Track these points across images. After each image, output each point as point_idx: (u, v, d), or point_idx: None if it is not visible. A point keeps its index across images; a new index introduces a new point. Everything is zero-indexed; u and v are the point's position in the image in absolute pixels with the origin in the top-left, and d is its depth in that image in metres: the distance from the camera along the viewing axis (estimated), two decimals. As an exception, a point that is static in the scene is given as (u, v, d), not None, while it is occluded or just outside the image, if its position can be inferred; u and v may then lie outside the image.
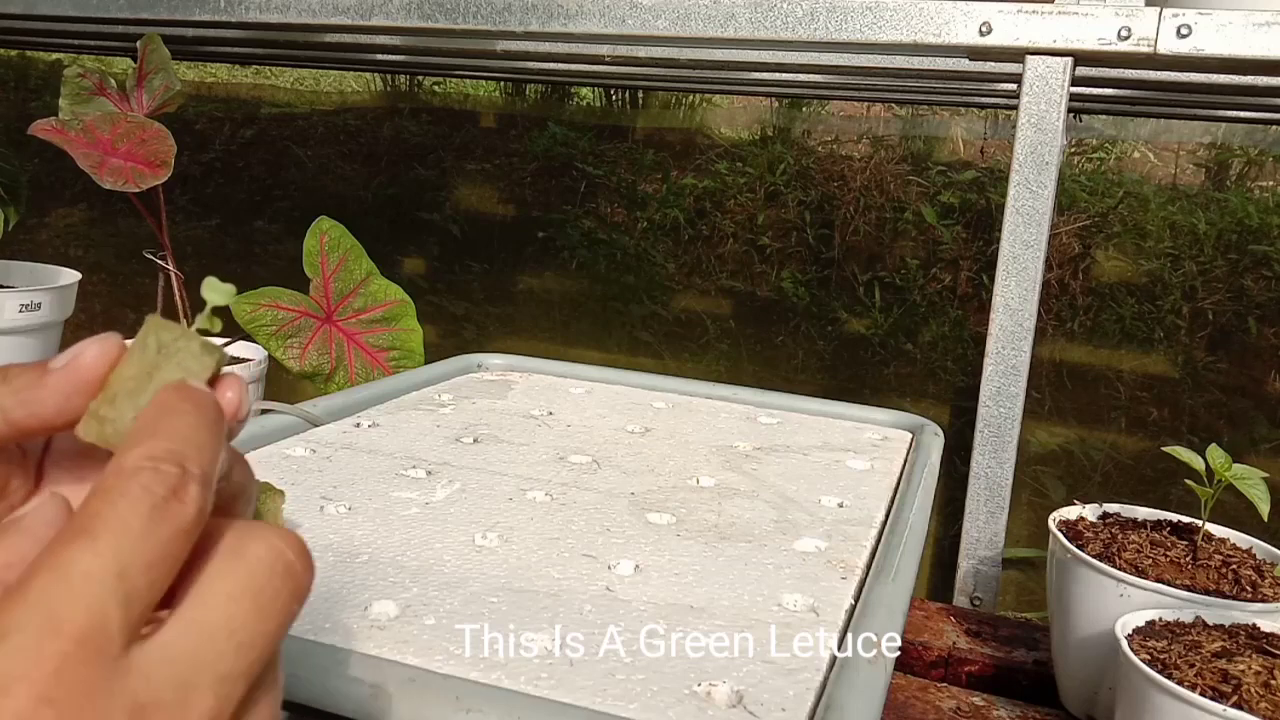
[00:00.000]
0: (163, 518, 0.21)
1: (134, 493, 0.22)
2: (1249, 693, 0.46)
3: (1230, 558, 0.60)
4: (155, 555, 0.21)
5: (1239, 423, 1.49)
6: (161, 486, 0.22)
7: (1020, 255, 0.78)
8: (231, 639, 0.22)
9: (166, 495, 0.22)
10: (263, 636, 0.22)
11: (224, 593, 0.22)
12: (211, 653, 0.21)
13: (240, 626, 0.22)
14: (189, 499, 0.22)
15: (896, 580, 0.47)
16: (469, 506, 0.55)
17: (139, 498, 0.21)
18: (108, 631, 0.20)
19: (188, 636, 0.21)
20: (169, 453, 0.22)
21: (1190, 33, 0.71)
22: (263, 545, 0.23)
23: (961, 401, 1.60)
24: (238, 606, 0.22)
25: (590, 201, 1.82)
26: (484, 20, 0.89)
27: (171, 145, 0.90)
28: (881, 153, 1.66)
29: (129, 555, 0.21)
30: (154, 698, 0.20)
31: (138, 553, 0.21)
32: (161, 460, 0.22)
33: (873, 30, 0.78)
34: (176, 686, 0.21)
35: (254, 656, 0.22)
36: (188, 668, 0.21)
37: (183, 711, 0.21)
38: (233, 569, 0.23)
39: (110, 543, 0.21)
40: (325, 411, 0.69)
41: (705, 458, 0.66)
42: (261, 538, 0.23)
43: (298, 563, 0.24)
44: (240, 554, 0.23)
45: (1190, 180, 1.54)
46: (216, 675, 0.21)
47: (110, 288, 2.09)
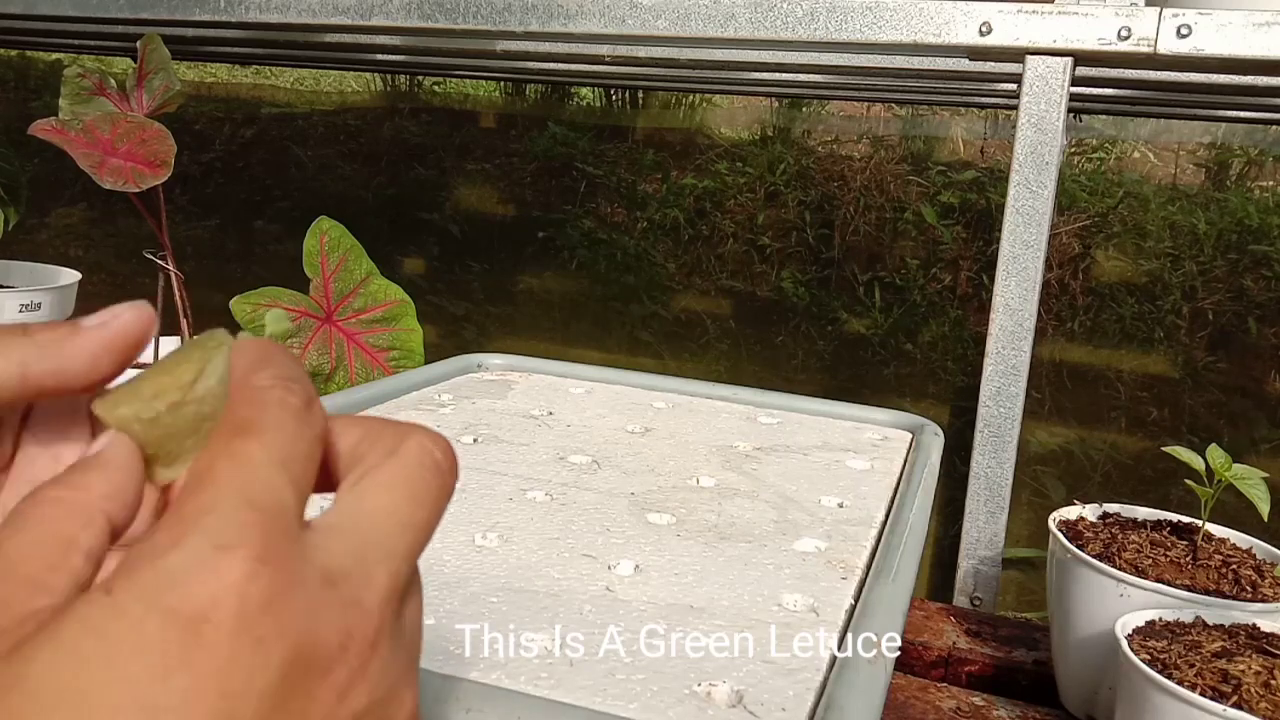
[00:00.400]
0: (305, 423, 0.24)
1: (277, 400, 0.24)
2: (1249, 693, 0.46)
3: (1230, 558, 0.60)
4: (306, 452, 0.24)
5: (1239, 423, 1.49)
6: (297, 399, 0.24)
7: (1020, 255, 0.78)
8: (393, 518, 0.24)
9: (302, 406, 0.24)
10: (418, 523, 0.24)
11: (382, 481, 0.24)
12: (378, 531, 0.23)
13: (400, 511, 0.24)
14: (317, 411, 0.25)
15: (896, 580, 0.47)
16: (469, 506, 0.55)
17: (282, 405, 0.24)
18: (287, 510, 0.22)
19: (354, 518, 0.23)
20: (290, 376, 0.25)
21: (1190, 33, 0.71)
22: (414, 444, 0.25)
23: (961, 401, 1.60)
24: (397, 493, 0.24)
25: (590, 201, 1.82)
26: (484, 20, 0.89)
27: (171, 145, 0.90)
28: (881, 153, 1.66)
29: (289, 448, 0.23)
30: (340, 568, 0.22)
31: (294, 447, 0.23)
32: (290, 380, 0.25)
33: (873, 30, 0.78)
34: (356, 559, 0.23)
35: (412, 538, 0.24)
36: (360, 543, 0.23)
37: (366, 581, 0.22)
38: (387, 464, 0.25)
39: (273, 437, 0.23)
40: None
41: (705, 458, 0.66)
42: (415, 437, 0.25)
43: (444, 461, 0.25)
44: (395, 450, 0.25)
45: (1190, 180, 1.54)
46: (385, 552, 0.23)
47: (110, 288, 2.09)
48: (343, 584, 0.22)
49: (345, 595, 0.22)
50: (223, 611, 0.20)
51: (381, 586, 0.23)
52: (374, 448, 0.25)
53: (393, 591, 0.23)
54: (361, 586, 0.22)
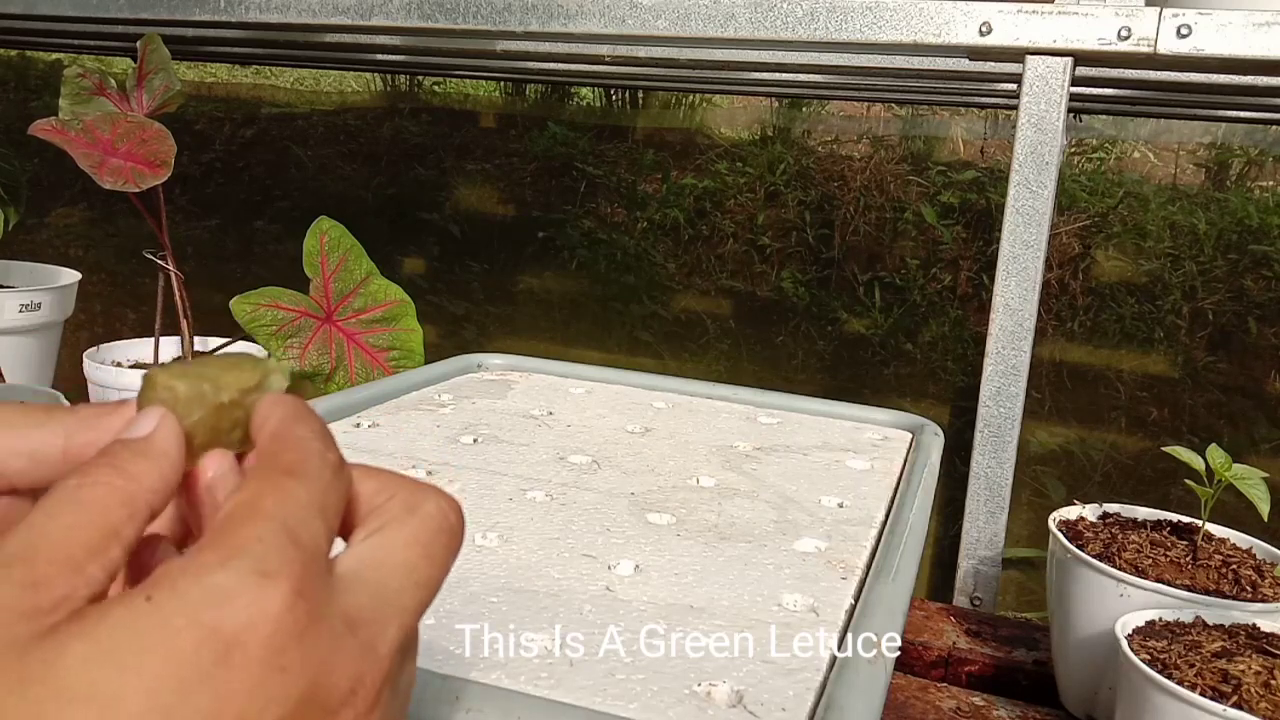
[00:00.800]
0: (340, 477, 0.25)
1: (318, 452, 0.25)
2: (1249, 693, 0.46)
3: (1230, 558, 0.60)
4: (336, 505, 0.25)
5: (1239, 423, 1.49)
6: (333, 455, 0.26)
7: (1020, 255, 0.78)
8: (410, 576, 0.25)
9: (337, 462, 0.26)
10: (430, 582, 0.25)
11: (402, 539, 0.25)
12: (395, 585, 0.24)
13: (416, 568, 0.25)
14: (346, 470, 0.26)
15: (896, 580, 0.47)
16: (469, 506, 0.54)
17: (322, 456, 0.25)
18: (321, 552, 0.23)
19: (376, 570, 0.24)
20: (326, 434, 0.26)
21: (1190, 33, 0.71)
22: (433, 505, 0.26)
23: (961, 401, 1.60)
24: (413, 551, 0.25)
25: (590, 201, 1.82)
26: (484, 20, 0.89)
27: (171, 145, 0.90)
28: (881, 153, 1.66)
29: (324, 498, 0.24)
30: (360, 614, 0.23)
31: (329, 496, 0.24)
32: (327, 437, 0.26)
33: (873, 30, 0.78)
34: (376, 608, 0.24)
35: (423, 596, 0.25)
36: (379, 594, 0.24)
37: (381, 630, 0.23)
38: (409, 520, 0.26)
39: (315, 483, 0.24)
40: (325, 411, 0.68)
41: (705, 458, 0.66)
42: (432, 499, 0.26)
43: (457, 525, 0.27)
44: (414, 509, 0.26)
45: (1190, 180, 1.54)
46: (400, 606, 0.24)
47: (110, 288, 2.09)
48: (362, 630, 0.23)
49: (363, 641, 0.23)
50: (257, 636, 0.20)
51: (393, 638, 0.24)
52: (392, 501, 0.26)
53: (401, 645, 0.24)
54: (378, 635, 0.23)
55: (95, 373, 0.98)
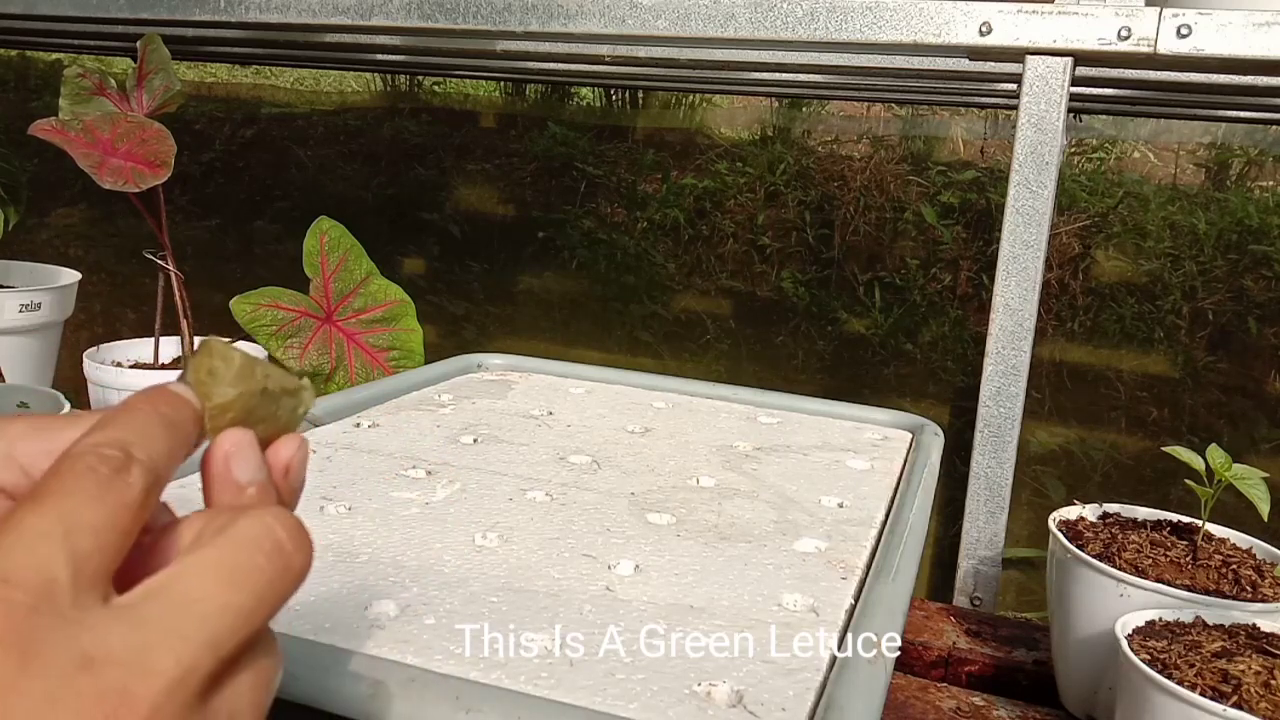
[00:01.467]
0: (106, 489, 0.23)
1: (78, 469, 0.23)
2: (1249, 693, 0.46)
3: (1230, 558, 0.60)
4: (101, 522, 0.22)
5: (1239, 423, 1.49)
6: (105, 466, 0.23)
7: (1020, 255, 0.78)
8: (196, 606, 0.22)
9: (109, 473, 0.23)
10: (233, 609, 0.23)
11: (197, 563, 0.23)
12: (172, 617, 0.22)
13: (208, 596, 0.22)
14: (133, 477, 0.23)
15: (896, 580, 0.47)
16: (469, 506, 0.55)
17: (83, 473, 0.23)
18: (56, 585, 0.21)
19: (151, 601, 0.22)
20: (114, 440, 0.24)
21: (1190, 33, 0.71)
22: (253, 522, 0.24)
23: (961, 401, 1.60)
24: (206, 576, 0.23)
25: (590, 201, 1.82)
26: (484, 20, 0.89)
27: (171, 145, 0.90)
28: (881, 153, 1.66)
29: (74, 518, 0.22)
30: (106, 652, 0.21)
31: (82, 517, 0.22)
32: (105, 446, 0.24)
33: (873, 30, 0.78)
34: (132, 645, 0.21)
35: (221, 627, 0.22)
36: (146, 628, 0.21)
37: (138, 670, 0.21)
38: (213, 542, 0.23)
39: (55, 506, 0.22)
40: (325, 411, 0.69)
41: (705, 458, 0.66)
42: (255, 516, 0.24)
43: (288, 542, 0.24)
44: (225, 529, 0.24)
45: (1190, 180, 1.54)
46: (177, 638, 0.21)
47: (110, 288, 2.09)
48: (105, 670, 0.20)
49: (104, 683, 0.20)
50: None
51: (163, 675, 0.21)
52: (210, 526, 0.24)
53: (179, 682, 0.21)
54: (131, 674, 0.20)
55: (95, 373, 0.98)
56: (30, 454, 0.25)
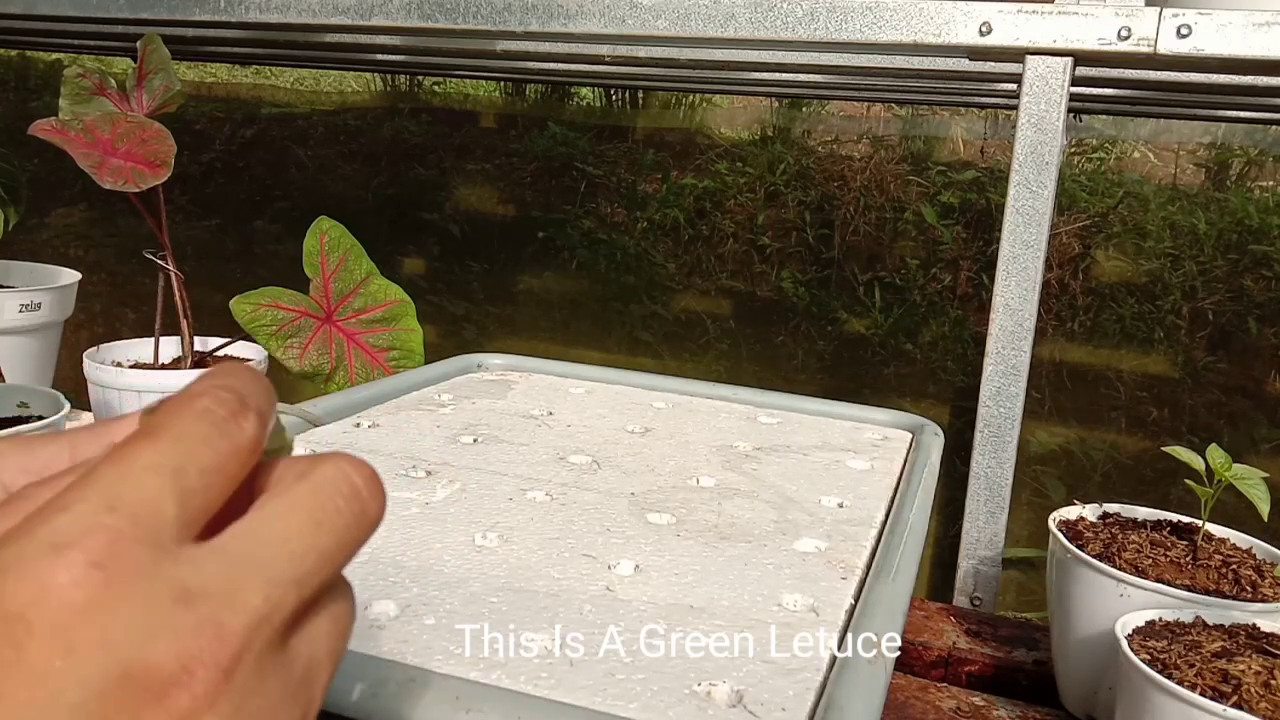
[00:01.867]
0: (221, 433, 0.23)
1: (197, 408, 0.23)
2: (1249, 693, 0.46)
3: (1230, 558, 0.60)
4: (211, 463, 0.23)
5: (1239, 423, 1.49)
6: (222, 408, 0.24)
7: (1020, 255, 0.78)
8: (285, 545, 0.23)
9: (226, 416, 0.24)
10: (317, 550, 0.23)
11: (284, 504, 0.23)
12: (263, 555, 0.22)
13: (294, 535, 0.23)
14: (246, 424, 0.24)
15: (896, 580, 0.47)
16: (469, 506, 0.55)
17: (201, 413, 0.23)
18: (161, 518, 0.21)
19: (242, 538, 0.23)
20: (230, 386, 0.24)
21: (1190, 33, 0.71)
22: (331, 467, 0.24)
23: (961, 401, 1.60)
24: (294, 517, 0.23)
25: (590, 201, 1.82)
26: (484, 20, 0.89)
27: (171, 145, 0.90)
28: (881, 153, 1.66)
29: (187, 457, 0.22)
30: (202, 586, 0.21)
31: (195, 456, 0.22)
32: (223, 389, 0.24)
33: (873, 30, 0.78)
34: (225, 580, 0.21)
35: (307, 567, 0.23)
36: (238, 565, 0.22)
37: (230, 603, 0.21)
38: (296, 486, 0.24)
39: (171, 443, 0.22)
40: (325, 411, 0.69)
41: (705, 458, 0.66)
42: (332, 461, 0.25)
43: (364, 489, 0.25)
44: (306, 474, 0.24)
45: (1190, 180, 1.54)
46: (266, 577, 0.22)
47: (110, 288, 2.09)
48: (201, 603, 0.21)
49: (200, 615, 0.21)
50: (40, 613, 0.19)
51: (252, 610, 0.21)
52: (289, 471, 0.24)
53: (266, 618, 0.22)
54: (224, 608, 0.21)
55: (95, 373, 0.98)
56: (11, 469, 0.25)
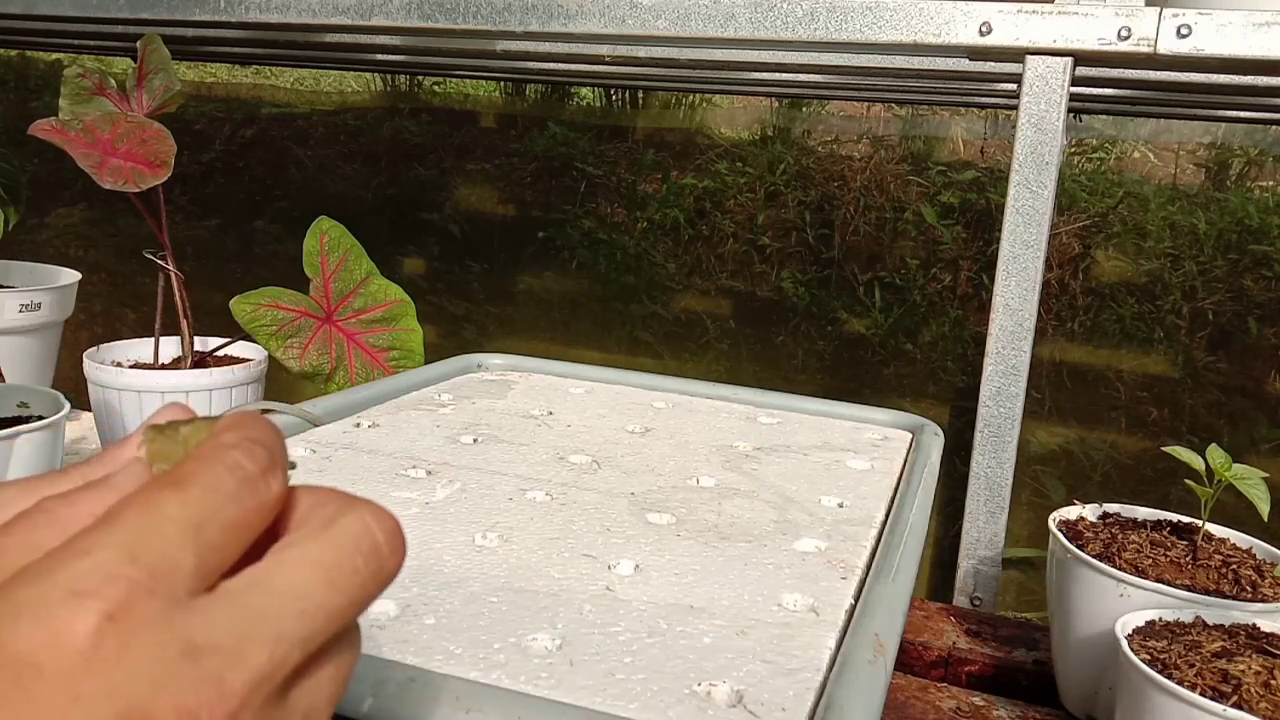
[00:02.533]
0: (250, 490, 0.23)
1: (229, 461, 0.23)
2: (1249, 693, 0.46)
3: (1230, 558, 0.60)
4: (235, 520, 0.23)
5: (1239, 423, 1.49)
6: (253, 464, 0.24)
7: (1020, 255, 0.78)
8: (296, 603, 0.22)
9: (256, 473, 0.24)
10: (328, 609, 0.23)
11: (301, 558, 0.23)
12: (274, 609, 0.22)
13: (308, 594, 0.23)
14: (274, 482, 0.24)
15: (896, 580, 0.47)
16: (469, 506, 0.55)
17: (232, 467, 0.23)
18: (178, 571, 0.21)
19: (254, 592, 0.22)
20: (263, 441, 0.24)
21: (1190, 33, 0.71)
22: (355, 521, 0.24)
23: (961, 401, 1.60)
24: (310, 574, 0.23)
25: (590, 201, 1.82)
26: (484, 20, 0.89)
27: (171, 145, 0.90)
28: (881, 153, 1.66)
29: (212, 511, 0.22)
30: (210, 641, 0.21)
31: (220, 511, 0.22)
32: (257, 444, 0.24)
33: (873, 30, 0.78)
34: (234, 635, 0.21)
35: (315, 626, 0.23)
36: (247, 620, 0.22)
37: (235, 660, 0.21)
38: (316, 537, 0.24)
39: (198, 496, 0.22)
40: (325, 411, 0.69)
41: (705, 458, 0.66)
42: (356, 514, 0.24)
43: (385, 545, 0.24)
44: (329, 525, 0.24)
45: (1190, 180, 1.54)
46: (273, 634, 0.22)
47: (110, 288, 2.09)
48: (206, 658, 0.21)
49: (204, 670, 0.21)
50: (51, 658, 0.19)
51: (255, 668, 0.21)
52: (315, 515, 0.24)
53: (269, 676, 0.22)
54: (228, 665, 0.21)
55: (95, 373, 0.98)
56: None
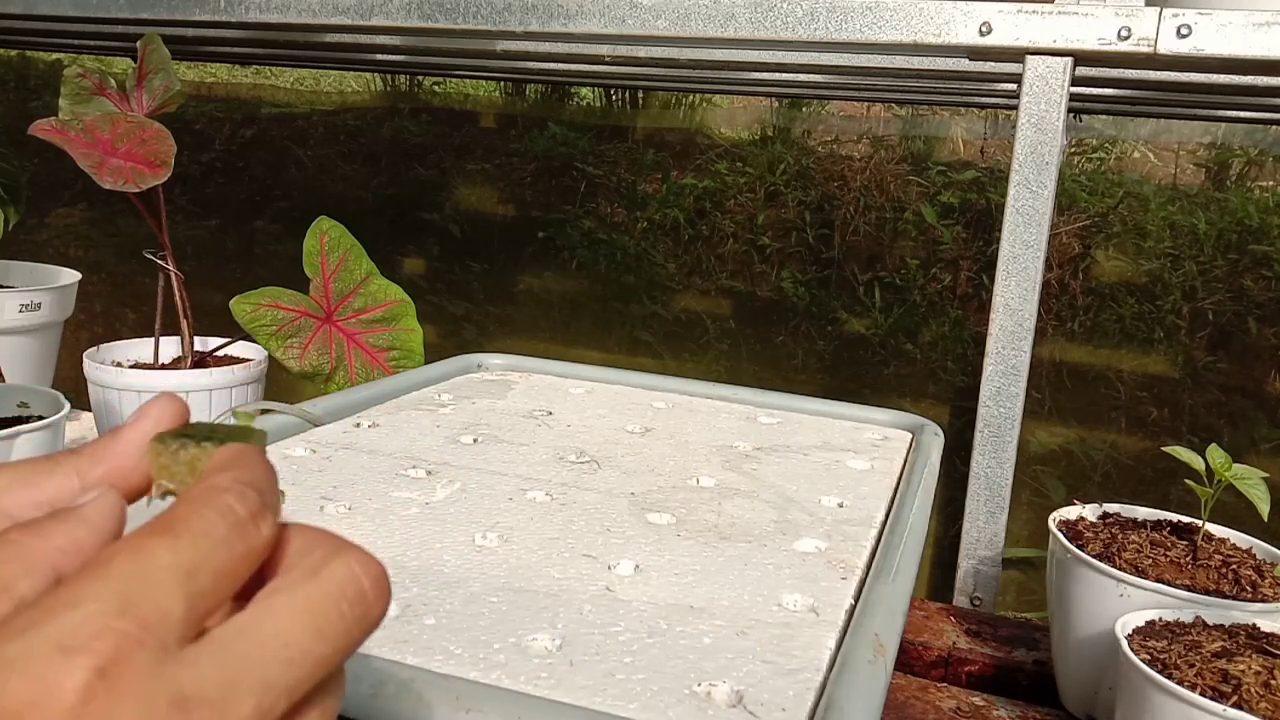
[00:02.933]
0: (240, 535, 0.23)
1: (220, 506, 0.23)
2: (1249, 693, 0.46)
3: (1230, 558, 0.60)
4: (225, 566, 0.23)
5: (1239, 423, 1.49)
6: (244, 508, 0.23)
7: (1020, 255, 0.78)
8: (283, 651, 0.22)
9: (246, 517, 0.23)
10: (314, 656, 0.23)
11: (287, 605, 0.23)
12: (260, 659, 0.22)
13: (294, 642, 0.22)
14: (264, 526, 0.24)
15: (896, 580, 0.47)
16: (469, 506, 0.55)
17: (224, 512, 0.23)
18: (169, 622, 0.21)
19: (242, 639, 0.22)
20: (254, 483, 0.24)
21: (1190, 33, 0.71)
22: (341, 568, 0.24)
23: (961, 401, 1.60)
24: (296, 622, 0.23)
25: (590, 201, 1.82)
26: (484, 20, 0.89)
27: (171, 145, 0.90)
28: (881, 153, 1.66)
29: (203, 559, 0.22)
30: (198, 692, 0.21)
31: (211, 558, 0.22)
32: (247, 486, 0.24)
33: (873, 30, 0.78)
34: (221, 685, 0.21)
35: (301, 674, 0.22)
36: (235, 669, 0.22)
37: (223, 710, 0.21)
38: (303, 584, 0.23)
39: (190, 544, 0.22)
40: (325, 411, 0.69)
41: (705, 458, 0.66)
42: (343, 561, 0.24)
43: (370, 592, 0.24)
44: (316, 571, 0.24)
45: (1190, 180, 1.54)
46: (261, 682, 0.22)
47: (110, 288, 2.09)
48: (195, 710, 0.21)
49: None
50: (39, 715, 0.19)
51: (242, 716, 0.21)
52: (302, 559, 0.24)
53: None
54: (217, 715, 0.21)
55: (95, 373, 0.98)
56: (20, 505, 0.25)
